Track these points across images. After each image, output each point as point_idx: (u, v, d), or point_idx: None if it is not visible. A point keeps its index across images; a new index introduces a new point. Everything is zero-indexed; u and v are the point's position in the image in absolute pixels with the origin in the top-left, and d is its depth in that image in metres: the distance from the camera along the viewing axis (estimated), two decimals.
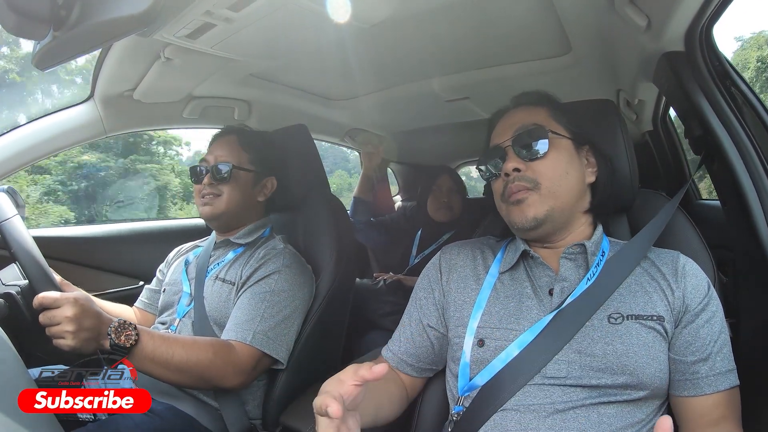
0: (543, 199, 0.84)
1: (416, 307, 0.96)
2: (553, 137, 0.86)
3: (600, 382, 0.75)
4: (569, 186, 0.85)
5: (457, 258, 0.96)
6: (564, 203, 0.85)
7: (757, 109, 0.98)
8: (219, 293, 1.23)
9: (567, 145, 0.87)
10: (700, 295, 0.80)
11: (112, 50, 1.17)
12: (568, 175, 0.85)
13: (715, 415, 0.75)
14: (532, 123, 0.87)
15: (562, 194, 0.84)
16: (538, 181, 0.84)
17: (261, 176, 1.36)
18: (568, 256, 0.86)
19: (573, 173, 0.86)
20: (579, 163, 0.88)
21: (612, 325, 0.77)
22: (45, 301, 0.88)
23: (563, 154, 0.86)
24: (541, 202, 0.84)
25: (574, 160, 0.87)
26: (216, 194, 1.29)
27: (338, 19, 1.00)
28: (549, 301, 0.83)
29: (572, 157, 0.87)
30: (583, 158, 0.89)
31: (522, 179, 0.85)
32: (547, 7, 1.12)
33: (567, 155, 0.86)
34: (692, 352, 0.77)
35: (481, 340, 0.83)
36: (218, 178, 1.29)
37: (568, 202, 0.85)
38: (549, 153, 0.85)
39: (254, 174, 1.34)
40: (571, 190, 0.86)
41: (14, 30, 0.62)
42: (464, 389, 0.84)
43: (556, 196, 0.84)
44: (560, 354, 0.77)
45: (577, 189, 0.87)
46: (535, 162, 0.85)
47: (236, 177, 1.30)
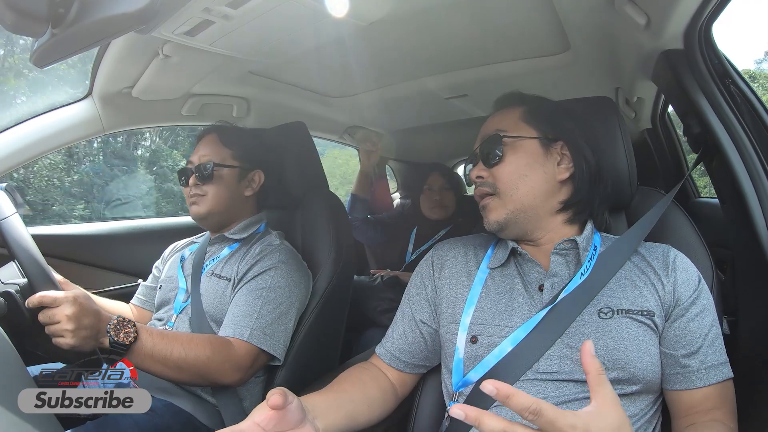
0: (502, 203, 0.87)
1: (408, 304, 0.97)
2: (512, 141, 0.88)
3: None
4: (528, 187, 0.86)
5: (449, 254, 0.97)
6: (524, 205, 0.86)
7: (755, 107, 0.98)
8: (215, 289, 1.23)
9: (529, 146, 0.88)
10: (690, 288, 0.80)
11: (111, 48, 1.17)
12: (527, 177, 0.87)
13: (706, 407, 0.76)
14: (494, 129, 0.90)
15: (520, 196, 0.86)
16: (496, 185, 0.88)
17: (246, 171, 1.35)
18: (559, 251, 0.86)
19: (534, 174, 0.87)
20: (546, 162, 0.88)
21: (602, 320, 0.78)
22: (44, 300, 0.88)
23: (522, 156, 0.87)
24: (501, 206, 0.87)
25: (537, 160, 0.88)
26: (201, 194, 1.29)
27: (336, 14, 1.00)
28: (539, 297, 0.83)
29: (535, 158, 0.88)
30: (556, 155, 0.89)
31: (484, 185, 0.89)
32: (546, 5, 1.12)
33: (527, 157, 0.87)
34: (682, 345, 0.77)
35: (474, 337, 0.84)
36: (202, 178, 1.29)
37: (529, 203, 0.87)
38: (505, 157, 0.88)
39: (238, 170, 1.33)
40: (531, 191, 0.86)
41: (12, 27, 0.61)
42: (458, 385, 0.85)
43: (513, 198, 0.86)
44: (552, 349, 0.78)
45: (540, 189, 0.87)
46: (494, 168, 0.88)
47: (219, 175, 1.30)
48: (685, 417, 0.77)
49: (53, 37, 0.66)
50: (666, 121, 2.03)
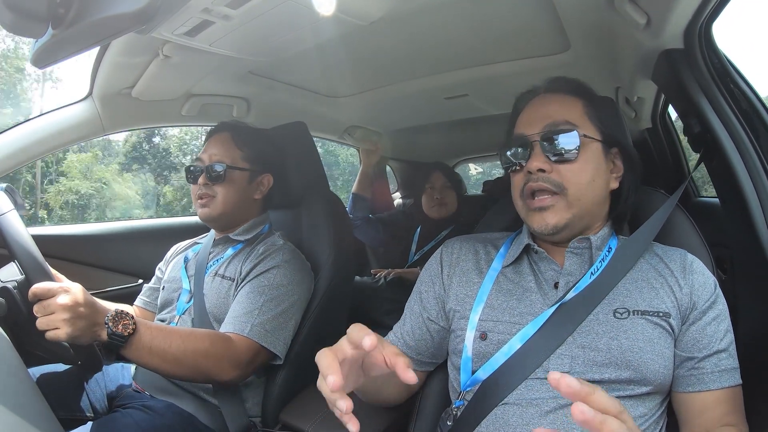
0: (568, 206, 0.80)
1: (417, 301, 0.96)
2: (586, 141, 0.81)
3: (603, 377, 0.74)
4: (594, 194, 0.82)
5: (459, 252, 0.95)
6: (586, 211, 0.82)
7: (756, 106, 0.97)
8: (218, 289, 1.23)
9: (596, 149, 0.82)
10: (707, 293, 0.79)
11: (110, 48, 1.17)
12: (594, 183, 0.81)
13: (720, 411, 0.75)
14: (564, 120, 0.81)
15: (586, 202, 0.81)
16: (564, 186, 0.80)
17: (257, 174, 1.35)
18: (574, 250, 0.84)
19: (599, 180, 0.82)
20: (605, 168, 0.83)
21: (617, 320, 0.77)
22: (37, 291, 0.86)
23: (592, 158, 0.81)
24: (566, 209, 0.80)
25: (601, 165, 0.82)
26: (212, 195, 1.28)
27: (324, 12, 1.00)
28: (554, 294, 0.82)
29: (600, 162, 0.82)
30: (610, 162, 0.84)
31: (546, 181, 0.80)
32: (546, 5, 1.12)
33: (595, 160, 0.82)
34: (699, 349, 0.77)
35: (483, 333, 0.82)
36: (213, 178, 1.28)
37: (589, 210, 0.82)
38: (579, 157, 0.80)
39: (250, 172, 1.33)
40: (595, 198, 0.82)
41: (12, 28, 0.61)
42: (467, 384, 0.83)
43: (580, 204, 0.80)
44: (563, 348, 0.77)
45: (600, 197, 0.83)
46: (563, 165, 0.80)
47: (231, 176, 1.29)
48: (698, 420, 0.76)
49: (53, 37, 0.66)
50: (666, 120, 2.02)
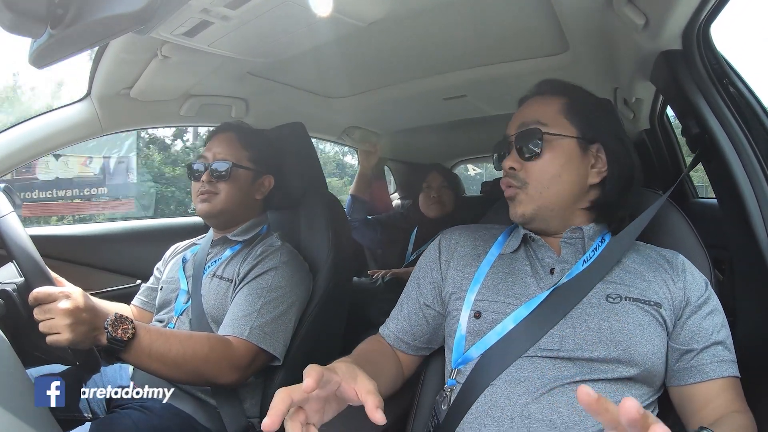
0: (529, 199, 0.86)
1: (414, 286, 0.97)
2: (551, 138, 0.85)
3: (592, 355, 0.76)
4: (559, 189, 0.85)
5: (459, 239, 0.97)
6: (551, 203, 0.86)
7: (754, 107, 0.98)
8: (216, 290, 1.23)
9: (568, 145, 0.86)
10: (699, 290, 0.82)
11: (109, 48, 1.16)
12: (560, 178, 0.85)
13: (726, 398, 0.76)
14: (534, 120, 0.87)
15: (549, 195, 0.85)
16: (526, 181, 0.86)
17: (259, 174, 1.35)
18: (568, 240, 0.87)
19: (567, 176, 0.85)
20: (581, 163, 0.86)
21: (610, 303, 0.79)
22: (38, 296, 0.86)
23: (559, 155, 0.85)
24: (529, 201, 0.86)
25: (573, 160, 0.86)
26: (214, 192, 1.28)
27: (322, 13, 1.00)
28: (549, 279, 0.84)
29: (571, 158, 0.86)
30: (591, 157, 0.87)
31: (513, 177, 0.87)
32: (544, 6, 1.12)
33: (564, 156, 0.85)
34: (697, 341, 0.78)
35: (477, 312, 0.84)
36: (217, 176, 1.28)
37: (556, 202, 0.86)
38: (543, 154, 0.85)
39: (253, 172, 1.33)
40: (561, 192, 0.85)
41: (10, 28, 0.61)
42: (458, 361, 0.85)
43: (543, 196, 0.85)
44: (555, 329, 0.79)
45: (570, 191, 0.86)
46: (530, 162, 0.86)
47: (235, 175, 1.30)
48: (705, 411, 0.76)
49: (51, 37, 0.66)
50: (664, 121, 2.03)
